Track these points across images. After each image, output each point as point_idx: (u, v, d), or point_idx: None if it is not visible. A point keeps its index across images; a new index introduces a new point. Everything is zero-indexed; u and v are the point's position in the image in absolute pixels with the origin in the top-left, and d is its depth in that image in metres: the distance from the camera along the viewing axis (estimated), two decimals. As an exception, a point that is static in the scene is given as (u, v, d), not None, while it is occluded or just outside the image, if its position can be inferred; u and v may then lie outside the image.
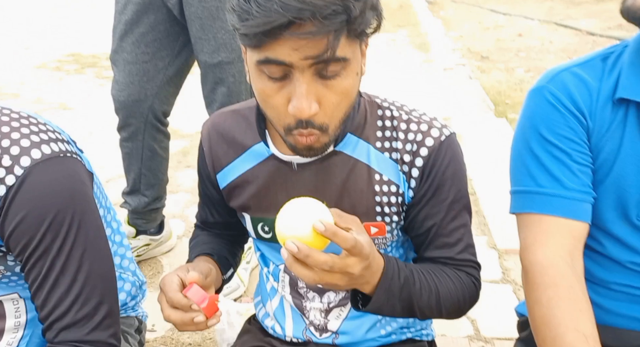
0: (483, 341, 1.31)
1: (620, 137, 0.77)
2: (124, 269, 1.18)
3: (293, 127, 0.71)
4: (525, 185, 0.81)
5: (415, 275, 0.80)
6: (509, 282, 1.55)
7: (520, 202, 0.81)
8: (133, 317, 1.19)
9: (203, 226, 1.02)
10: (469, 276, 0.86)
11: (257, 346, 1.00)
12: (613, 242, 0.81)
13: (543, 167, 0.79)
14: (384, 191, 0.83)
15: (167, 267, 1.75)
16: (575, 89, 0.79)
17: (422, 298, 0.79)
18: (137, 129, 1.59)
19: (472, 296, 0.85)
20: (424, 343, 1.01)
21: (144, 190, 1.69)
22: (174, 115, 1.69)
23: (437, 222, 0.84)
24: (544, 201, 0.78)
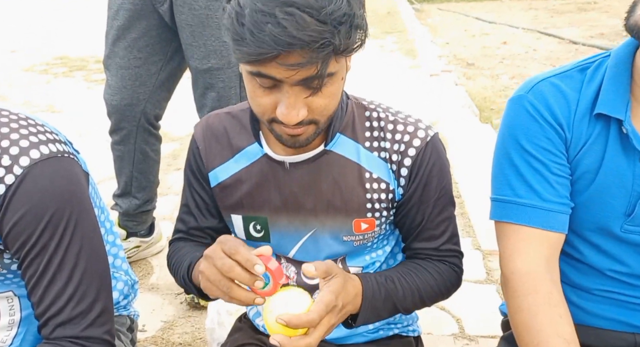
0: (467, 339, 1.34)
1: (601, 151, 0.79)
2: (117, 268, 1.19)
3: (278, 121, 0.74)
4: (504, 194, 0.83)
5: (397, 283, 0.85)
6: (492, 282, 1.59)
7: (499, 211, 0.84)
8: (125, 316, 1.20)
9: (185, 236, 1.00)
10: (450, 265, 0.91)
11: (248, 343, 1.02)
12: (593, 250, 0.84)
13: (521, 178, 0.81)
14: (374, 188, 0.86)
15: (157, 268, 1.76)
16: (554, 101, 0.80)
17: (406, 301, 0.85)
18: (130, 132, 1.60)
19: (453, 284, 0.92)
20: (410, 339, 1.04)
21: (135, 192, 1.70)
22: (164, 118, 1.71)
23: (424, 217, 0.88)
24: (521, 211, 0.80)
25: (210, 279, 0.73)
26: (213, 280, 0.72)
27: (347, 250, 0.91)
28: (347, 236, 0.89)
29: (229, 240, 0.75)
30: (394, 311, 0.86)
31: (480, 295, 1.53)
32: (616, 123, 0.78)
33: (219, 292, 0.73)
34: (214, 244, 0.76)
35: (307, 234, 0.90)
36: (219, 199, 0.93)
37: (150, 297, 1.61)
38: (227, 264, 0.71)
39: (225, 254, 0.72)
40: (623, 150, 0.78)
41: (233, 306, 1.41)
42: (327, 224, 0.88)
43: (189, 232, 1.00)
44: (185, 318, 1.51)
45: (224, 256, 0.71)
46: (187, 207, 1.00)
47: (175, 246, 1.00)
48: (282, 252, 0.93)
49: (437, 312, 1.46)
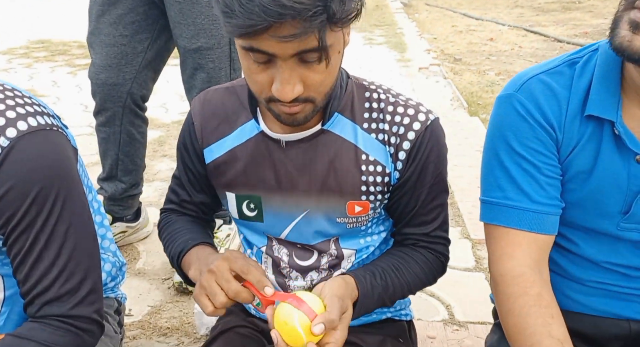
0: (457, 325, 1.35)
1: (595, 152, 0.77)
2: (105, 249, 1.17)
3: (275, 99, 0.73)
4: (493, 196, 0.81)
5: (389, 281, 0.86)
6: (482, 271, 1.61)
7: (488, 213, 0.83)
8: (112, 298, 1.18)
9: (177, 208, 0.99)
10: (437, 254, 0.92)
11: (239, 325, 1.00)
12: (588, 244, 0.84)
13: (511, 180, 0.79)
14: (370, 170, 0.85)
15: (144, 253, 1.73)
16: (545, 100, 0.78)
17: (395, 295, 0.87)
18: (115, 113, 1.56)
19: (439, 272, 0.93)
20: (403, 323, 1.04)
21: (121, 176, 1.66)
22: (151, 105, 1.67)
23: (418, 202, 0.88)
24: (511, 214, 0.79)
25: (208, 291, 0.73)
26: (210, 293, 0.73)
27: (340, 232, 0.90)
28: (340, 218, 0.88)
29: (237, 258, 0.75)
30: (383, 305, 0.87)
31: (470, 283, 1.54)
32: (609, 124, 0.77)
33: (207, 304, 0.74)
34: (221, 260, 0.75)
35: (301, 215, 0.88)
36: (214, 176, 0.91)
37: (136, 283, 1.58)
38: (234, 289, 0.72)
39: (230, 275, 0.73)
40: (617, 151, 0.77)
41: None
42: (321, 205, 0.87)
43: (180, 204, 0.99)
44: (173, 303, 1.48)
45: (231, 278, 0.72)
46: (179, 180, 0.98)
47: (167, 218, 0.99)
48: (274, 233, 0.92)
49: (427, 298, 1.47)
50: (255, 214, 0.90)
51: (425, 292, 1.48)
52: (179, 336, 1.34)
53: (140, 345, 1.29)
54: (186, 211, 0.99)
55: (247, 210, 0.90)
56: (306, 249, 0.92)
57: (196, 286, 0.77)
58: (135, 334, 1.34)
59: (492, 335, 1.01)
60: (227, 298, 0.72)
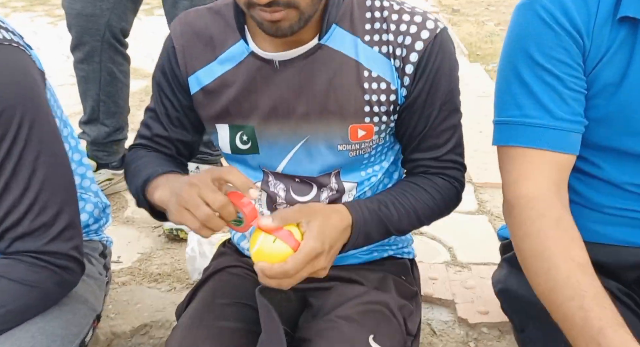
0: (459, 266, 1.31)
1: (626, 61, 0.71)
2: (85, 189, 1.09)
3: (255, 3, 0.65)
4: (511, 115, 0.75)
5: (391, 207, 0.79)
6: (484, 213, 1.56)
7: (504, 134, 0.76)
8: (97, 241, 1.11)
9: (148, 144, 0.89)
10: (449, 180, 0.84)
11: (232, 265, 0.95)
12: (612, 165, 0.78)
13: (531, 95, 0.73)
14: (374, 88, 0.77)
15: (132, 202, 1.65)
16: (572, 3, 0.71)
17: (402, 223, 0.80)
18: (94, 48, 1.44)
19: (452, 200, 0.85)
20: (405, 261, 0.99)
21: (104, 119, 1.56)
22: (137, 55, 1.55)
23: (428, 123, 0.80)
24: (530, 133, 0.73)
25: (188, 204, 0.65)
26: (192, 206, 0.65)
27: (342, 162, 0.82)
28: (342, 145, 0.80)
29: (218, 168, 0.68)
30: (387, 234, 0.80)
31: (472, 225, 1.49)
32: None
33: (191, 219, 0.66)
34: (201, 173, 0.68)
35: (299, 144, 0.81)
36: (202, 106, 0.83)
37: (125, 231, 1.52)
38: (220, 200, 0.65)
39: (214, 186, 0.66)
40: None
41: (215, 236, 1.33)
42: (321, 131, 0.79)
43: (153, 139, 0.89)
44: (163, 250, 1.43)
45: (216, 189, 0.65)
46: (154, 113, 0.88)
47: (135, 154, 0.89)
48: (271, 166, 0.84)
49: (428, 241, 1.42)
50: (250, 146, 0.83)
51: (426, 235, 1.44)
52: (170, 282, 1.29)
53: (130, 291, 1.24)
54: (159, 147, 0.89)
55: (241, 143, 0.83)
56: (305, 183, 0.85)
57: (172, 203, 0.68)
58: (125, 280, 1.29)
59: (499, 271, 0.97)
60: (211, 211, 0.65)
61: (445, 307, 1.17)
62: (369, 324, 0.78)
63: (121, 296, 1.22)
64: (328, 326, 0.78)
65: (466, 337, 1.08)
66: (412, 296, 0.93)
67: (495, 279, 0.96)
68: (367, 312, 0.81)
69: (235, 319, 0.82)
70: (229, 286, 0.90)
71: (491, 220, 1.53)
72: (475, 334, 1.08)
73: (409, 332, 0.87)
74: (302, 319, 0.86)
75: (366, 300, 0.84)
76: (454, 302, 1.16)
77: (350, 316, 0.79)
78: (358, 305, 0.82)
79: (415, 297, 0.94)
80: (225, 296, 0.87)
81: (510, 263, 0.93)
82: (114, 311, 1.17)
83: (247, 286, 0.89)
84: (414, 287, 0.95)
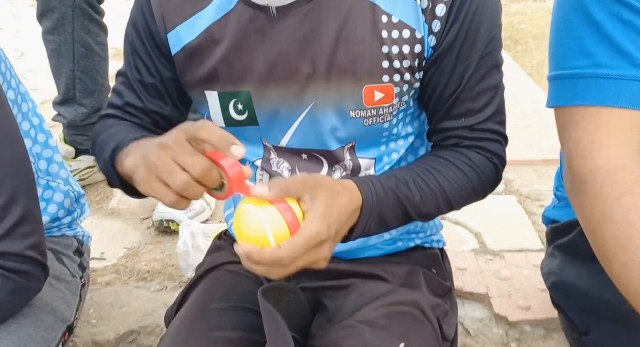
0: (491, 254, 1.16)
1: None
2: (53, 175, 0.94)
3: None
4: (576, 66, 0.60)
5: (412, 186, 0.65)
6: (512, 193, 1.41)
7: (568, 91, 0.60)
8: (70, 236, 0.96)
9: (119, 114, 0.75)
10: (487, 154, 0.69)
11: (229, 261, 0.81)
12: None
13: (605, 38, 0.58)
14: (394, 37, 0.63)
15: (118, 191, 1.49)
16: None
17: (425, 206, 0.67)
18: (64, 15, 1.26)
19: (490, 179, 0.71)
20: (435, 251, 0.84)
21: (80, 98, 1.39)
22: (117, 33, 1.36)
23: (463, 82, 0.65)
24: (606, 87, 0.58)
25: (160, 171, 0.53)
26: (165, 173, 0.53)
27: (356, 133, 0.68)
28: (355, 111, 0.66)
29: (194, 123, 0.54)
30: (407, 219, 0.66)
31: (500, 207, 1.35)
32: None
33: (163, 190, 0.53)
34: (174, 131, 0.55)
35: (304, 111, 0.67)
36: (185, 70, 0.69)
37: (110, 223, 1.36)
38: (201, 163, 0.52)
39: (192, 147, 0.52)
40: None
41: (210, 227, 1.17)
42: (330, 93, 0.65)
43: (125, 109, 0.74)
44: (153, 244, 1.27)
45: (195, 151, 0.52)
46: (126, 78, 0.73)
47: (103, 124, 0.74)
48: (272, 140, 0.71)
49: (451, 226, 1.27)
50: (246, 116, 0.70)
51: (448, 219, 1.28)
52: (161, 280, 1.14)
53: (114, 292, 1.09)
54: (133, 118, 0.75)
55: (235, 112, 0.70)
56: (314, 160, 0.71)
57: (140, 170, 0.55)
58: (109, 279, 1.14)
59: (550, 260, 0.81)
60: (190, 177, 0.51)
61: (478, 303, 1.02)
62: (397, 330, 0.66)
63: (104, 297, 1.08)
64: (347, 333, 0.65)
65: (506, 338, 0.93)
66: (446, 293, 0.79)
67: (545, 270, 0.81)
68: (394, 315, 0.68)
69: (234, 327, 0.69)
70: (226, 286, 0.77)
71: (520, 200, 1.38)
72: (517, 334, 0.94)
73: (445, 337, 0.74)
74: (315, 325, 0.73)
75: (393, 300, 0.70)
76: (489, 296, 1.01)
77: (374, 321, 0.67)
78: (383, 306, 0.69)
79: (449, 294, 0.80)
80: (222, 298, 0.74)
81: (565, 251, 0.78)
82: (96, 315, 1.03)
83: (247, 286, 0.75)
84: (447, 282, 0.81)
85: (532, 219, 1.29)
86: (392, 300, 0.70)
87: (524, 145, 1.55)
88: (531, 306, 0.96)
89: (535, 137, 1.66)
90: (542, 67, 2.30)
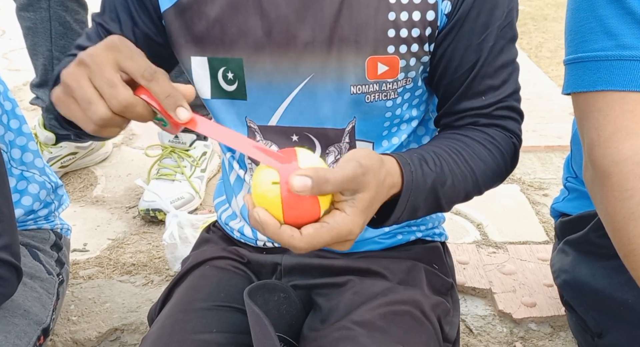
0: (493, 247, 1.10)
1: None
2: (27, 165, 0.87)
3: None
4: (599, 47, 0.55)
5: (446, 167, 0.57)
6: (514, 182, 1.35)
7: (589, 76, 0.55)
8: (47, 229, 0.90)
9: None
10: (507, 132, 0.63)
11: (217, 256, 0.75)
12: None
13: (631, 16, 0.53)
14: (403, 2, 0.57)
15: (102, 178, 1.43)
16: None
17: (455, 192, 0.59)
18: None
19: (511, 161, 0.66)
20: (437, 244, 0.79)
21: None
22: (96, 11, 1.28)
23: (482, 56, 0.59)
24: (632, 69, 0.53)
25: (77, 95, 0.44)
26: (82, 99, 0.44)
27: (357, 109, 0.62)
28: (356, 86, 0.60)
29: (132, 50, 0.45)
30: (437, 208, 0.59)
31: (502, 197, 1.28)
32: None
33: (81, 116, 0.44)
34: (102, 48, 0.45)
35: (300, 84, 0.61)
36: (172, 31, 0.63)
37: (94, 212, 1.30)
38: (122, 98, 0.44)
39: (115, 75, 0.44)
40: None
41: (198, 218, 1.11)
42: (330, 65, 0.59)
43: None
44: (139, 235, 1.21)
45: (117, 81, 0.44)
46: (102, 28, 0.65)
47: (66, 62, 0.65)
48: (259, 119, 0.65)
49: (451, 217, 1.21)
50: (236, 87, 0.64)
51: (449, 210, 1.23)
52: (146, 274, 1.08)
53: (97, 287, 1.03)
54: None
55: (225, 82, 0.64)
56: (305, 140, 0.65)
57: (57, 90, 0.46)
58: (91, 273, 1.08)
59: (561, 256, 0.76)
60: (109, 111, 0.43)
61: (481, 299, 0.97)
62: (395, 333, 0.61)
63: (86, 293, 1.02)
64: (342, 335, 0.60)
65: (510, 336, 0.88)
66: (448, 290, 0.75)
67: (556, 267, 0.76)
68: (392, 315, 0.63)
69: (220, 328, 0.64)
70: (212, 283, 0.71)
71: (524, 190, 1.32)
72: (522, 332, 0.89)
73: (447, 338, 0.69)
74: (307, 326, 0.68)
75: (391, 299, 0.65)
76: (492, 292, 0.96)
77: (371, 322, 0.62)
78: (381, 306, 0.64)
79: (451, 291, 0.76)
80: (208, 297, 0.68)
81: (577, 248, 0.73)
82: (77, 312, 0.97)
83: (236, 284, 0.70)
84: (449, 278, 0.76)
85: (535, 209, 1.23)
86: (391, 299, 0.65)
87: (526, 130, 1.47)
88: (537, 302, 0.91)
89: (538, 123, 1.60)
90: (541, 49, 2.24)
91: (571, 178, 0.81)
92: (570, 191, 0.81)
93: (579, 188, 0.78)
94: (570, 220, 0.78)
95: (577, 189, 0.79)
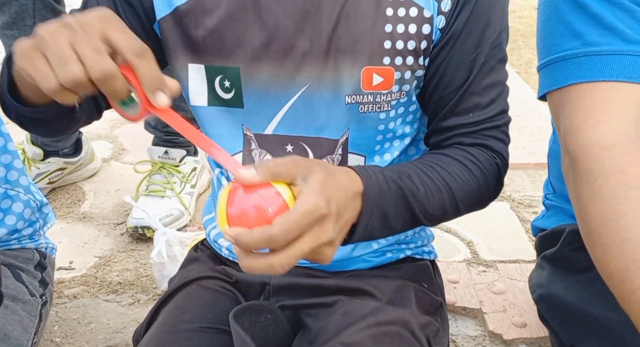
0: (483, 265, 1.10)
1: None
2: (12, 183, 0.86)
3: None
4: (567, 48, 0.59)
5: (415, 178, 0.57)
6: (505, 199, 1.35)
7: (560, 74, 0.58)
8: (31, 249, 0.88)
9: None
10: (490, 153, 0.63)
11: (205, 276, 0.74)
12: None
13: (594, 18, 0.58)
14: (400, 16, 0.58)
15: (90, 194, 1.41)
16: None
17: (430, 203, 0.59)
18: (23, 8, 1.16)
19: (493, 184, 0.64)
20: (426, 262, 0.79)
21: (49, 95, 1.30)
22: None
23: (473, 73, 0.60)
24: (596, 63, 0.57)
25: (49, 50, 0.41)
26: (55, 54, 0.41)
27: (351, 119, 0.62)
28: (351, 96, 0.61)
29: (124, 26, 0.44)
30: (412, 219, 0.58)
31: (493, 215, 1.28)
32: None
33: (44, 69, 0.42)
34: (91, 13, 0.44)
35: (297, 93, 0.62)
36: (169, 39, 0.63)
37: (80, 229, 1.28)
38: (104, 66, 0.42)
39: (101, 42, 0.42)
40: None
41: (187, 236, 1.10)
42: (326, 74, 0.60)
43: None
44: (126, 252, 1.19)
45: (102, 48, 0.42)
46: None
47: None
48: (255, 127, 0.65)
49: (442, 235, 1.21)
50: (232, 95, 0.64)
51: (439, 227, 1.22)
52: (133, 293, 1.06)
53: (82, 306, 1.01)
54: None
55: (222, 90, 0.64)
56: (300, 150, 0.65)
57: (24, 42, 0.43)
58: (77, 292, 1.06)
59: (538, 271, 0.77)
60: (85, 75, 0.41)
61: (471, 319, 0.96)
62: None
63: (71, 313, 0.99)
64: None
65: (501, 357, 0.87)
66: (437, 309, 0.74)
67: (533, 282, 0.77)
68: (381, 336, 0.62)
69: None
70: (199, 304, 0.70)
71: (514, 207, 1.32)
72: (512, 352, 0.88)
73: None
74: None
75: (380, 320, 0.64)
76: (482, 311, 0.95)
77: (360, 343, 0.61)
78: (370, 327, 0.63)
79: (440, 310, 0.75)
80: (194, 318, 0.67)
81: (552, 262, 0.74)
82: (61, 333, 0.95)
83: (223, 305, 0.69)
84: (438, 297, 0.76)
85: (525, 227, 1.23)
86: (380, 319, 0.64)
87: (515, 148, 1.49)
88: (527, 322, 0.90)
89: (527, 140, 1.61)
90: (530, 65, 2.26)
91: (550, 195, 0.83)
92: (549, 208, 0.82)
93: (557, 204, 0.80)
94: (545, 235, 0.79)
95: (555, 206, 0.80)
